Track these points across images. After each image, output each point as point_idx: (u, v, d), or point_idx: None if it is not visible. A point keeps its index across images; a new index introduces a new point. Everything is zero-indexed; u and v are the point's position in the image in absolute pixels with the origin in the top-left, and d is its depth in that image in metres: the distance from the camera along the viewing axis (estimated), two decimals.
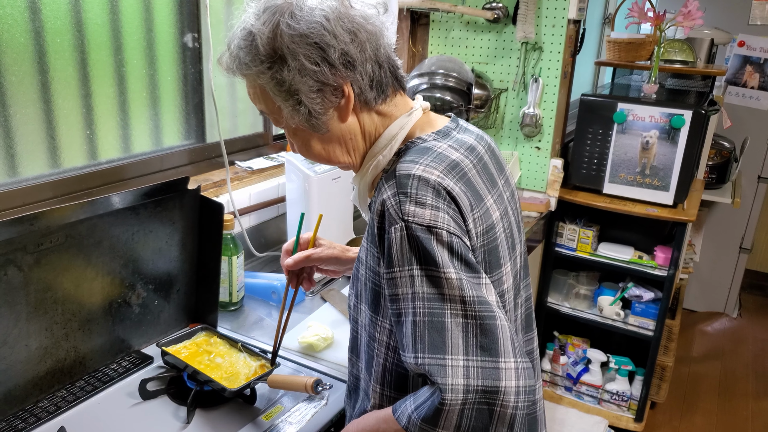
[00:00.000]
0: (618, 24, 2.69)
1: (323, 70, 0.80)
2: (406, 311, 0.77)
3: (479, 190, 0.85)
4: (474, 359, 0.73)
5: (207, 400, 1.14)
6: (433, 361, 0.73)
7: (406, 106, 0.91)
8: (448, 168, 0.82)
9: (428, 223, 0.76)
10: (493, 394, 0.72)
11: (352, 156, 0.90)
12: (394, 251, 0.77)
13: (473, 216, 0.82)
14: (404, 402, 0.78)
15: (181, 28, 1.62)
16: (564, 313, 2.63)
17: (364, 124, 0.88)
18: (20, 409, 1.08)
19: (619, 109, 2.30)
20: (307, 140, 0.89)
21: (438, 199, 0.78)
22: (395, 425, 0.78)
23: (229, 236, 1.42)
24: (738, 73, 3.35)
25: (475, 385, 0.71)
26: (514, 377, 0.73)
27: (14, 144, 1.30)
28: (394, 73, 0.88)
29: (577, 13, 2.22)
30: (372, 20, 0.84)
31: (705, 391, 3.04)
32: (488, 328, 0.74)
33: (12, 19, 1.24)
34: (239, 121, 1.89)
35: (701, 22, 2.23)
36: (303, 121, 0.85)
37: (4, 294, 1.01)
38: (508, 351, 0.74)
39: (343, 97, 0.84)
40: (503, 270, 0.87)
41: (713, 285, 3.74)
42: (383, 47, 0.85)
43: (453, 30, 2.41)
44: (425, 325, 0.75)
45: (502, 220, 0.89)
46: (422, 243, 0.76)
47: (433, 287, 0.76)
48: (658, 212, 2.30)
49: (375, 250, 0.83)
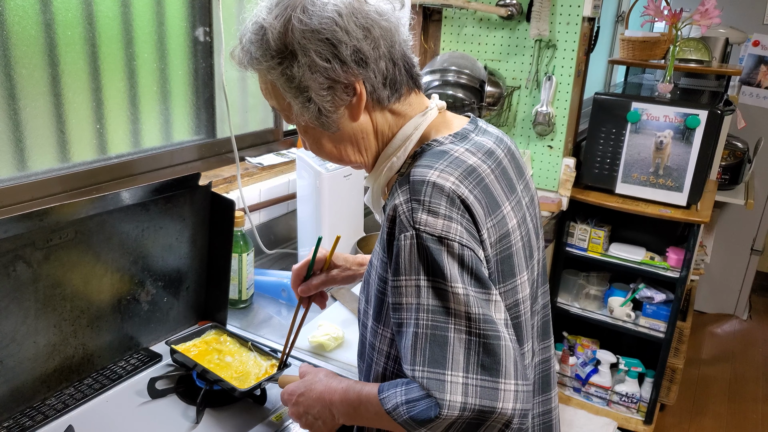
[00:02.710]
0: (632, 22, 2.66)
1: (334, 67, 0.78)
2: (409, 322, 0.75)
3: (496, 197, 0.82)
4: (474, 377, 0.72)
5: (216, 399, 1.12)
6: (432, 375, 0.72)
7: (421, 105, 0.88)
8: (465, 174, 0.79)
9: (440, 234, 0.74)
10: (489, 414, 0.71)
11: (364, 155, 0.88)
12: (402, 259, 0.75)
13: (487, 225, 0.79)
14: (394, 387, 0.76)
15: (192, 21, 1.60)
16: (574, 313, 2.61)
17: (377, 123, 0.86)
18: (28, 407, 1.07)
19: (633, 109, 2.27)
20: (318, 138, 0.87)
21: (452, 208, 0.76)
22: (377, 407, 0.77)
23: (240, 233, 1.41)
24: (752, 73, 3.32)
25: (472, 404, 0.71)
26: (512, 399, 0.72)
27: (23, 138, 1.29)
28: (410, 71, 0.86)
29: (592, 10, 2.19)
30: (387, 16, 0.81)
31: (715, 393, 3.02)
32: (491, 347, 0.73)
33: (23, 11, 1.22)
34: (250, 116, 1.87)
35: (719, 21, 2.19)
36: (313, 119, 0.83)
37: (13, 290, 1.00)
38: (510, 372, 0.72)
39: (355, 95, 0.81)
40: (518, 279, 0.85)
41: (724, 287, 3.71)
42: (398, 44, 0.83)
43: (466, 26, 2.38)
44: (427, 337, 0.73)
45: (520, 227, 0.86)
46: (432, 254, 0.74)
47: (438, 300, 0.74)
48: (671, 213, 2.27)
49: (384, 256, 0.81)
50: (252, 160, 1.79)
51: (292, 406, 0.94)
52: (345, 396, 0.85)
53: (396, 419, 0.74)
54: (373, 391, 0.79)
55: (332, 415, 0.87)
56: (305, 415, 0.91)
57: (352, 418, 0.85)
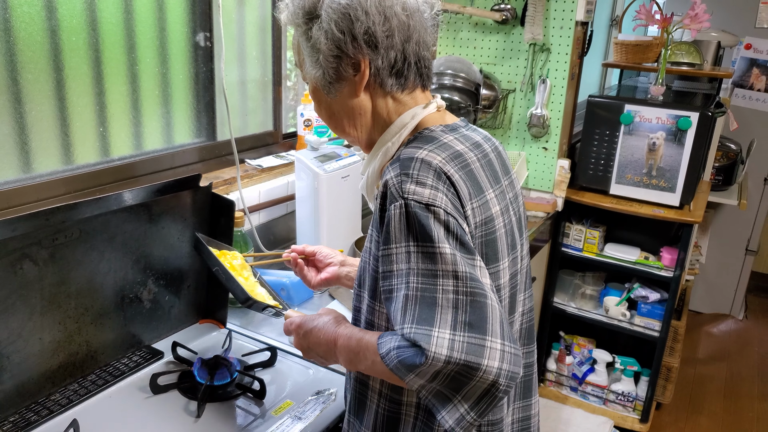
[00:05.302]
0: (625, 26, 2.70)
1: (346, 39, 0.85)
2: (399, 287, 0.78)
3: (480, 183, 0.87)
4: (461, 334, 0.74)
5: (217, 394, 1.15)
6: (420, 331, 0.74)
7: (423, 100, 0.94)
8: (451, 156, 0.85)
9: (427, 201, 0.78)
10: (474, 370, 0.72)
11: (358, 131, 0.93)
12: (392, 227, 0.79)
13: (471, 205, 0.84)
14: (391, 335, 0.79)
15: (193, 27, 1.64)
16: (570, 313, 2.64)
17: (376, 104, 0.91)
18: (33, 402, 1.10)
19: (626, 111, 2.31)
20: (322, 102, 0.94)
21: (438, 181, 0.80)
22: (375, 355, 0.80)
23: (240, 233, 1.44)
24: (745, 76, 3.35)
25: (457, 358, 0.72)
26: (498, 358, 0.73)
27: (29, 140, 1.32)
28: (420, 70, 0.91)
29: (585, 14, 2.22)
30: (411, 13, 0.87)
31: (711, 392, 3.04)
32: (478, 305, 0.75)
33: (29, 17, 1.26)
34: (249, 119, 1.91)
35: (708, 25, 2.23)
36: (319, 79, 0.90)
37: (19, 288, 1.03)
38: (496, 332, 0.74)
39: (358, 73, 0.87)
40: (500, 264, 0.89)
41: (719, 287, 3.74)
42: (415, 42, 0.88)
43: (461, 31, 2.42)
44: (417, 299, 0.76)
45: (503, 215, 0.90)
46: (420, 220, 0.78)
47: (427, 263, 0.77)
48: (664, 213, 2.30)
49: (378, 235, 0.84)
50: (252, 162, 1.82)
51: (298, 337, 0.97)
52: (348, 342, 0.88)
53: (388, 364, 0.77)
54: (373, 340, 0.83)
55: (335, 357, 0.91)
56: (309, 351, 0.95)
57: (352, 363, 0.88)
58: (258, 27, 1.85)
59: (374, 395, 0.93)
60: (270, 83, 1.93)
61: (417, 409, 0.90)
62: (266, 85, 1.93)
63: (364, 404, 0.95)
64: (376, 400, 0.93)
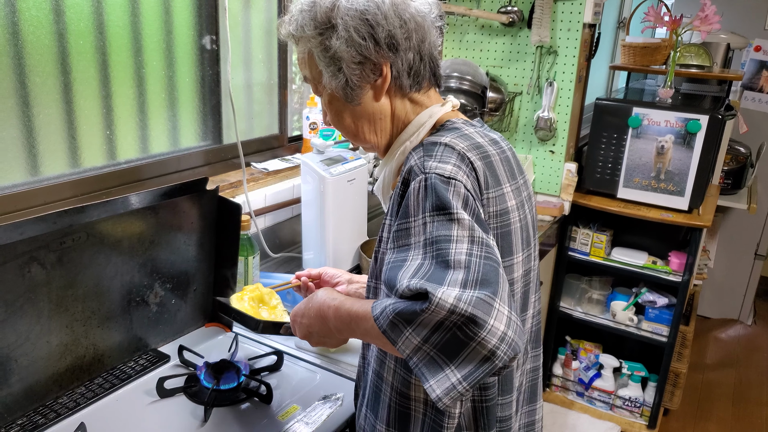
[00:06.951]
0: (633, 28, 2.68)
1: (368, 45, 0.85)
2: (415, 257, 0.77)
3: (498, 176, 0.88)
4: (471, 290, 0.70)
5: (224, 399, 1.15)
6: (428, 282, 0.72)
7: (439, 99, 0.96)
8: (473, 146, 0.86)
9: (449, 175, 0.79)
10: (477, 327, 0.68)
11: (378, 136, 0.94)
12: (411, 201, 0.80)
13: (489, 194, 0.85)
14: (386, 299, 0.77)
15: (199, 30, 1.64)
16: (576, 317, 2.62)
17: (395, 107, 0.92)
18: (41, 405, 1.10)
19: (634, 114, 2.30)
20: (340, 111, 0.94)
21: (461, 163, 0.82)
22: (367, 322, 0.78)
23: (246, 237, 1.43)
24: (754, 78, 3.33)
25: (463, 309, 0.68)
26: (504, 323, 0.69)
27: (36, 144, 1.32)
28: (433, 70, 0.93)
29: (593, 17, 2.22)
30: (424, 16, 0.89)
31: (719, 398, 3.02)
32: (491, 269, 0.73)
33: (37, 21, 1.26)
34: (255, 122, 1.91)
35: (718, 27, 2.22)
36: (339, 89, 0.90)
37: (27, 291, 1.03)
38: (504, 299, 0.72)
39: (381, 77, 0.88)
40: (514, 258, 0.89)
41: (727, 291, 3.71)
42: (428, 43, 0.90)
43: (468, 33, 2.42)
44: (431, 264, 0.74)
45: (519, 210, 0.91)
46: (438, 191, 0.77)
47: (443, 230, 0.76)
48: (672, 217, 2.29)
49: (393, 220, 0.84)
50: (257, 166, 1.82)
51: (298, 328, 0.97)
52: (337, 313, 0.87)
53: (381, 325, 0.74)
54: (364, 308, 0.82)
55: (330, 329, 0.90)
56: (311, 335, 0.95)
57: (347, 333, 0.88)
58: (264, 30, 1.86)
59: (387, 388, 0.93)
60: (276, 86, 1.93)
61: (425, 405, 0.90)
62: (272, 88, 1.93)
63: (379, 397, 0.95)
64: (389, 393, 0.93)
